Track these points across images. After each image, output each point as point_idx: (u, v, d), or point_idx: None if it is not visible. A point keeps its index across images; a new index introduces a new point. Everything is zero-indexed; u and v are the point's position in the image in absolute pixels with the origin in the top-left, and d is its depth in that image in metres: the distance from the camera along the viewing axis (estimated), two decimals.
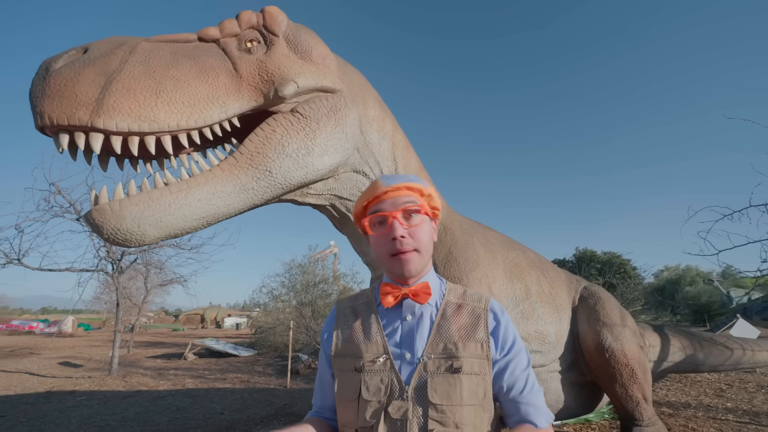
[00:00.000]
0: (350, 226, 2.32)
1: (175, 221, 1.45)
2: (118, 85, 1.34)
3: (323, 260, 12.78)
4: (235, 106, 1.60)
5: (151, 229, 1.40)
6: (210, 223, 1.59)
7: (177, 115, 1.43)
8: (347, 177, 2.08)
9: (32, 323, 25.27)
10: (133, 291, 12.57)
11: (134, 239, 1.38)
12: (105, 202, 1.34)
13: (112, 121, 1.31)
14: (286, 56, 1.77)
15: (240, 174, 1.59)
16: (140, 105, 1.37)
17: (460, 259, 2.30)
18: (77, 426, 4.26)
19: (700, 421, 3.82)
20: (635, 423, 2.74)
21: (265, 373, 7.74)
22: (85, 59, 1.36)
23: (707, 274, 22.96)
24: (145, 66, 1.43)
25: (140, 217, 1.36)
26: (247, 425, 4.08)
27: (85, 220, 1.35)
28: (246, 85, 1.65)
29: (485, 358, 0.88)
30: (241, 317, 33.40)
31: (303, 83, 1.74)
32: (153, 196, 1.39)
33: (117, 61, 1.39)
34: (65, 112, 1.27)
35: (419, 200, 0.95)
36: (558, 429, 3.64)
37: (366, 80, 2.31)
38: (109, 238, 1.35)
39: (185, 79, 1.48)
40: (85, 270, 7.39)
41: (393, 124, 2.39)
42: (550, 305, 2.65)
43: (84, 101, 1.29)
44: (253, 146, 1.63)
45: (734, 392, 5.08)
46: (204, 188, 1.50)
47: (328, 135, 1.81)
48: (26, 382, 7.00)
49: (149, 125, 1.37)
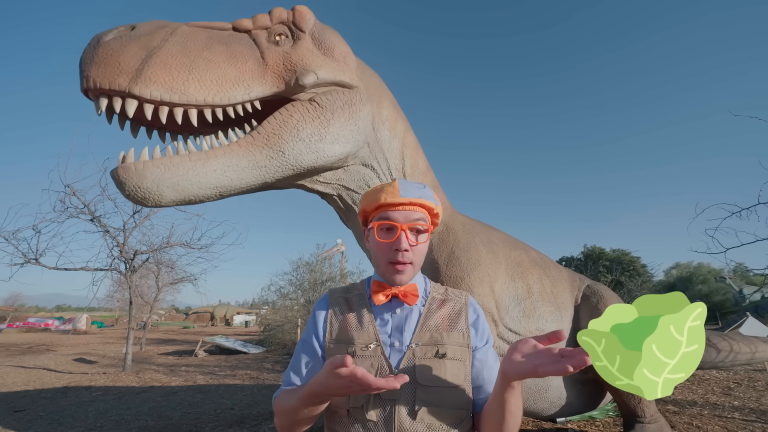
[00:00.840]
0: (355, 219, 2.40)
1: (191, 187, 1.58)
2: (157, 60, 1.50)
3: (330, 258, 12.92)
4: (258, 90, 1.74)
5: (168, 191, 1.53)
6: (222, 194, 1.71)
7: (205, 91, 1.58)
8: (356, 169, 2.18)
9: (48, 321, 25.87)
10: (145, 289, 12.83)
11: (152, 198, 1.50)
12: (131, 161, 1.48)
13: (147, 89, 1.47)
14: (310, 51, 1.91)
15: (255, 151, 1.71)
16: (174, 78, 1.52)
17: (462, 258, 2.35)
18: (94, 420, 4.41)
19: (705, 419, 3.82)
20: (637, 420, 2.77)
21: (274, 370, 7.88)
22: (132, 35, 1.52)
23: (719, 272, 22.59)
24: (182, 46, 1.59)
25: (160, 178, 1.49)
26: (257, 420, 4.19)
27: (111, 176, 1.48)
28: (270, 73, 1.80)
29: (466, 346, 0.98)
30: (250, 315, 33.80)
31: (322, 75, 1.88)
32: (174, 161, 1.53)
33: (159, 39, 1.55)
34: (108, 77, 1.43)
35: (428, 219, 1.02)
36: (562, 425, 3.68)
37: (383, 83, 2.43)
38: (129, 195, 1.48)
39: (216, 61, 1.64)
40: (99, 269, 7.59)
41: (405, 126, 2.47)
42: (552, 304, 2.69)
43: (125, 70, 1.45)
44: (270, 127, 1.76)
45: (742, 390, 5.05)
46: (221, 160, 1.63)
47: (341, 125, 1.94)
48: (44, 378, 7.23)
49: (179, 97, 1.53)
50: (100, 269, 7.60)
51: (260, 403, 5.00)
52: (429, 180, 2.60)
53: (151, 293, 12.93)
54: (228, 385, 6.33)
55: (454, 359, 0.95)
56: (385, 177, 2.32)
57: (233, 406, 4.91)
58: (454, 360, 0.94)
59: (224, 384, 6.47)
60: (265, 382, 6.55)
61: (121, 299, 16.91)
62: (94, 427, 4.12)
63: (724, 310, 17.53)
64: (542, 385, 2.66)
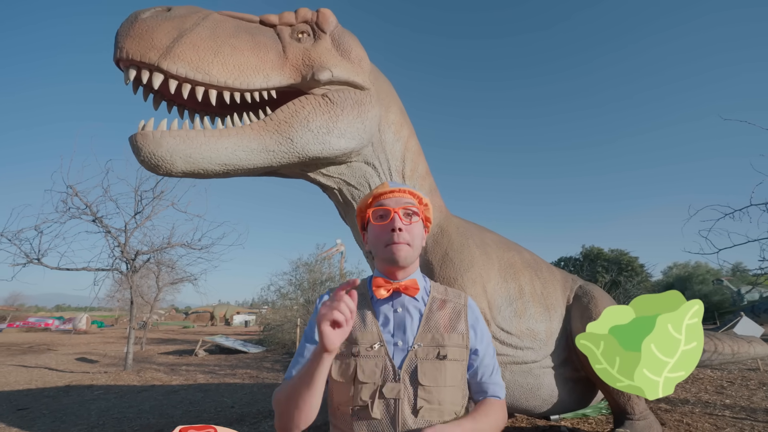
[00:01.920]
0: (353, 215, 2.48)
1: (201, 161, 1.68)
2: (187, 40, 1.61)
3: (329, 258, 12.99)
4: (276, 80, 1.86)
5: (180, 161, 1.63)
6: (228, 171, 1.81)
7: (226, 74, 1.69)
8: (358, 166, 2.28)
9: (48, 320, 25.91)
10: (145, 289, 12.90)
11: (164, 167, 1.61)
12: (149, 129, 1.59)
13: (174, 66, 1.58)
14: (329, 50, 2.03)
15: (266, 136, 1.82)
16: (200, 59, 1.63)
17: (455, 259, 2.43)
18: (96, 418, 4.48)
19: (696, 416, 3.90)
20: (627, 417, 2.84)
21: (274, 369, 7.95)
22: (167, 15, 1.63)
23: (717, 272, 22.67)
24: (211, 31, 1.71)
25: (174, 149, 1.59)
26: (257, 417, 4.27)
27: (129, 141, 1.58)
28: (289, 66, 1.92)
29: (465, 347, 1.04)
30: (250, 315, 33.87)
31: (337, 74, 2.00)
32: (189, 134, 1.64)
33: (191, 22, 1.67)
34: (140, 50, 1.54)
35: (418, 206, 1.11)
36: (555, 423, 3.75)
37: (393, 90, 2.54)
38: (144, 160, 1.58)
39: (241, 48, 1.75)
40: (101, 269, 7.66)
41: (410, 132, 2.57)
42: (542, 304, 2.77)
43: (157, 45, 1.56)
44: (282, 115, 1.87)
45: (735, 389, 5.13)
46: (233, 139, 1.74)
47: (349, 122, 2.05)
48: (46, 377, 7.30)
49: (202, 76, 1.64)
50: (102, 269, 7.67)
51: (260, 402, 5.07)
52: (427, 183, 2.67)
53: (151, 293, 13.01)
54: (228, 384, 6.40)
55: (454, 360, 1.00)
56: (385, 176, 2.41)
57: (233, 404, 4.99)
58: (454, 361, 1.00)
59: (224, 383, 6.55)
60: (265, 381, 6.63)
61: (121, 299, 16.98)
62: (96, 425, 4.19)
63: (722, 310, 17.64)
64: (534, 383, 2.73)
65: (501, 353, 2.58)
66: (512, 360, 2.63)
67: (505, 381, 2.66)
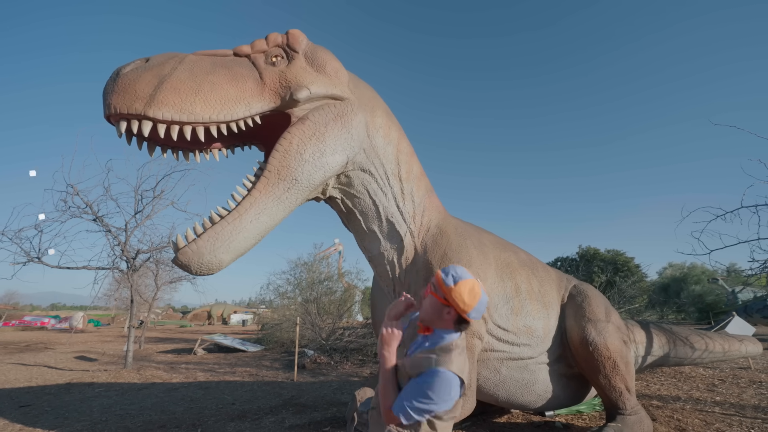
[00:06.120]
0: (355, 222, 2.56)
1: (240, 243, 1.81)
2: (168, 86, 1.70)
3: (328, 258, 13.05)
4: (258, 106, 1.94)
5: (224, 255, 1.76)
6: (264, 236, 1.94)
7: (210, 110, 1.78)
8: (355, 175, 2.36)
9: (44, 319, 25.76)
10: (143, 288, 12.91)
11: (215, 267, 1.75)
12: (183, 245, 1.70)
13: (160, 111, 1.67)
14: (304, 69, 2.10)
15: (274, 189, 1.92)
16: (182, 100, 1.72)
17: (453, 259, 2.52)
18: (99, 414, 4.54)
19: (686, 412, 4.01)
20: (619, 412, 2.94)
21: (273, 367, 8.01)
22: (146, 66, 1.72)
23: (712, 272, 22.86)
24: (190, 72, 1.79)
25: (213, 249, 1.72)
26: (258, 414, 4.34)
27: (174, 263, 1.72)
28: (268, 90, 1.99)
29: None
30: (247, 314, 33.83)
31: (315, 90, 2.07)
32: (217, 230, 1.75)
33: (169, 67, 1.76)
34: (126, 103, 1.64)
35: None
36: (550, 419, 3.85)
37: (376, 94, 2.58)
38: (197, 272, 1.72)
39: (220, 83, 1.84)
40: (101, 268, 7.70)
41: (399, 133, 2.62)
42: (539, 302, 2.86)
43: (141, 96, 1.65)
44: (276, 162, 1.94)
45: (726, 387, 5.24)
46: (251, 212, 1.84)
47: (336, 136, 2.11)
48: (46, 375, 7.33)
49: (188, 116, 1.73)
50: (102, 268, 7.71)
51: (260, 399, 5.14)
52: (423, 184, 2.74)
53: (149, 292, 13.02)
54: (228, 382, 6.47)
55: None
56: (383, 181, 2.47)
57: (234, 401, 5.06)
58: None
59: (224, 381, 6.61)
60: (265, 379, 6.69)
61: (119, 298, 16.96)
62: (99, 421, 4.25)
63: (717, 310, 17.82)
64: (529, 378, 2.83)
65: (497, 349, 2.68)
66: (509, 356, 2.72)
67: (501, 376, 2.75)
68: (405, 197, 2.55)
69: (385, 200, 2.48)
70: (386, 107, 2.63)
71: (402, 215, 2.54)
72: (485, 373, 2.69)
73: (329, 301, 11.33)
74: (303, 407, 4.59)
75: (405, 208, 2.55)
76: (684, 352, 3.78)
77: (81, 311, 28.74)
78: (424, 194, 2.69)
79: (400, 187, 2.53)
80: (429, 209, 2.69)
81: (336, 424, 3.85)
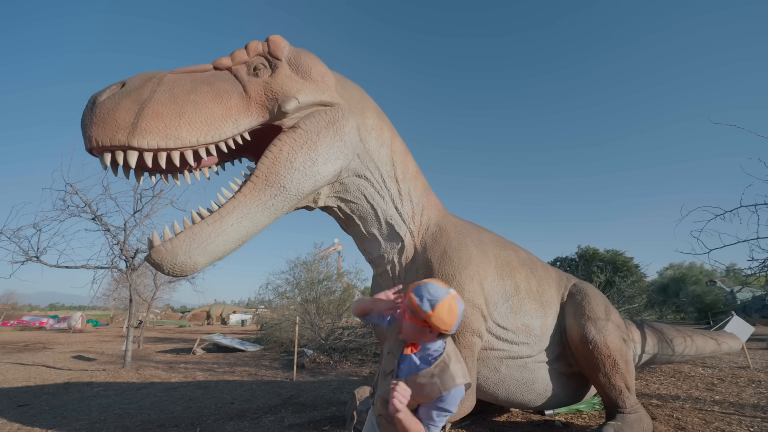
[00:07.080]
0: (355, 226, 2.54)
1: (217, 247, 1.72)
2: (149, 111, 1.61)
3: (327, 258, 13.03)
4: (245, 123, 1.86)
5: (200, 257, 1.67)
6: (244, 242, 1.85)
7: (196, 133, 1.70)
8: (351, 181, 2.31)
9: (42, 319, 25.72)
10: (141, 288, 12.89)
11: (188, 269, 1.66)
12: (158, 243, 1.61)
13: (144, 140, 1.58)
14: (289, 77, 2.01)
15: (260, 194, 1.83)
16: (166, 126, 1.63)
17: (453, 257, 2.51)
18: (98, 413, 4.52)
19: (685, 411, 4.01)
20: (618, 410, 2.94)
21: (272, 367, 8.00)
22: (123, 92, 1.63)
23: (711, 273, 22.88)
24: (170, 94, 1.69)
25: (189, 249, 1.63)
26: (257, 413, 4.33)
27: (146, 261, 1.63)
28: (254, 104, 1.90)
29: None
30: (246, 314, 33.80)
31: (303, 99, 1.98)
32: (194, 230, 1.67)
33: (148, 91, 1.66)
34: (108, 135, 1.55)
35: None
36: (550, 418, 3.84)
37: (365, 93, 2.51)
38: (169, 273, 1.63)
39: (203, 102, 1.74)
40: (100, 267, 7.68)
41: (391, 133, 2.57)
42: (537, 301, 2.86)
43: (122, 125, 1.56)
44: (265, 168, 1.87)
45: (725, 386, 5.25)
46: (233, 214, 1.76)
47: (328, 144, 2.04)
48: (44, 374, 7.30)
49: (174, 142, 1.65)
50: (101, 267, 7.69)
51: (260, 398, 5.13)
52: (420, 183, 2.73)
53: (148, 292, 12.99)
54: (227, 381, 6.45)
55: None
56: (379, 185, 2.42)
57: (233, 400, 5.04)
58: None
59: (223, 380, 6.59)
60: (264, 379, 6.68)
61: (117, 298, 16.92)
62: (98, 420, 4.23)
63: (715, 310, 17.84)
64: (529, 377, 2.83)
65: (497, 348, 2.67)
66: (508, 354, 2.72)
67: (501, 375, 2.75)
68: (403, 198, 2.53)
69: (383, 203, 2.45)
70: (376, 106, 2.55)
71: (401, 216, 2.53)
72: (485, 371, 2.69)
73: (328, 300, 11.32)
74: (302, 406, 4.59)
75: (404, 209, 2.53)
76: (671, 350, 3.88)
77: (80, 311, 28.68)
78: (421, 193, 2.68)
79: (398, 189, 2.51)
80: (428, 208, 2.68)
81: (335, 423, 3.85)
